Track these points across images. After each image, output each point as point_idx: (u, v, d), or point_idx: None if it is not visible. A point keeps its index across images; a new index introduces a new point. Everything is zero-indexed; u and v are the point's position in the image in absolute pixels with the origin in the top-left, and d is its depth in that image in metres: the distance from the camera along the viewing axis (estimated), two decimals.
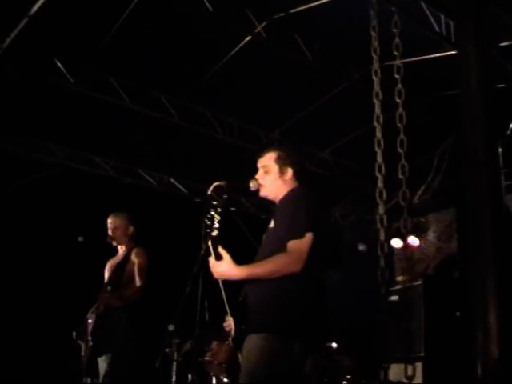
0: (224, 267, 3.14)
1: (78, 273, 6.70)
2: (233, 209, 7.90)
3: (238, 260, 3.19)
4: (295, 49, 6.00)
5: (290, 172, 3.40)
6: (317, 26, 5.81)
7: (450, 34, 5.33)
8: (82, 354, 4.93)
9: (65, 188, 7.18)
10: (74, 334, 5.02)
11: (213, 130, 7.00)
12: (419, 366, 4.85)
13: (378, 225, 3.27)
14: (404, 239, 7.33)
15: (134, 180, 7.77)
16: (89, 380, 4.89)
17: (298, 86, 6.54)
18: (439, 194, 7.42)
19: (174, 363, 4.12)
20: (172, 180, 8.07)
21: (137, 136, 7.13)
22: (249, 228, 7.30)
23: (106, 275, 5.27)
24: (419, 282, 5.23)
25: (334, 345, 6.49)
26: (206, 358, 6.06)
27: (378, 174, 3.21)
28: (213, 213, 3.22)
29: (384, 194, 3.13)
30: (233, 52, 6.04)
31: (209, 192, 3.28)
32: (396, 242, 7.72)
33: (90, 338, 4.81)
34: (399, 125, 3.22)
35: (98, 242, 5.24)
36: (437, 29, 5.23)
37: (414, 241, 7.46)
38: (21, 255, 6.94)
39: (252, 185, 3.37)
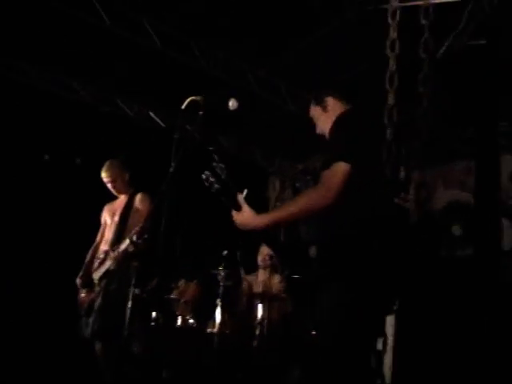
0: (244, 218, 2.87)
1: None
2: (211, 148, 7.63)
3: None
4: None
5: (330, 102, 3.13)
6: None
7: None
8: (82, 295, 4.87)
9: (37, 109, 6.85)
10: (78, 280, 4.94)
11: (195, 60, 6.59)
12: (391, 319, 4.69)
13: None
14: None
15: (112, 109, 7.42)
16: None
17: (289, 21, 6.19)
18: None
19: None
20: (151, 113, 7.74)
21: (117, 63, 6.76)
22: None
23: (108, 221, 5.12)
24: None
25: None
26: (173, 296, 5.92)
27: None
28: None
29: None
30: None
31: (183, 106, 3.01)
32: None
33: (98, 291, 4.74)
34: None
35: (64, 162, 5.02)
36: None
37: None
38: None
39: (231, 103, 3.09)
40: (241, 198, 2.88)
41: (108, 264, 4.66)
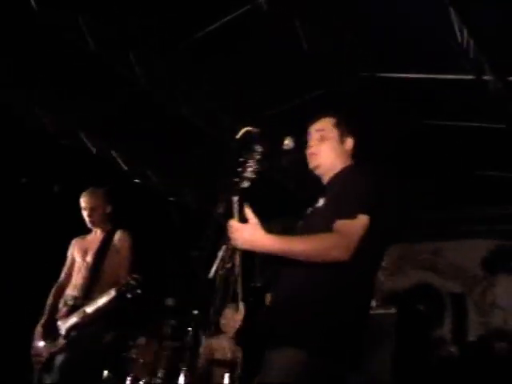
0: (250, 232, 2.46)
1: None
2: None
3: None
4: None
5: (350, 142, 2.82)
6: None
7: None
8: (40, 344, 4.17)
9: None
10: (39, 328, 4.26)
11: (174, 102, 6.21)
12: None
13: None
14: None
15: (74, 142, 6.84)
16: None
17: (275, 81, 5.95)
18: None
19: None
20: (113, 152, 7.21)
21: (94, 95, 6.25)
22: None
23: (78, 260, 4.47)
24: (391, 311, 4.70)
25: None
26: (131, 355, 5.31)
27: None
28: (247, 158, 2.52)
29: None
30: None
31: (237, 136, 2.62)
32: None
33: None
34: None
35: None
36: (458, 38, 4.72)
37: None
38: None
39: (287, 142, 2.72)
40: (249, 210, 2.51)
41: (80, 316, 4.01)
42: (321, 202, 2.66)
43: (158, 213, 7.27)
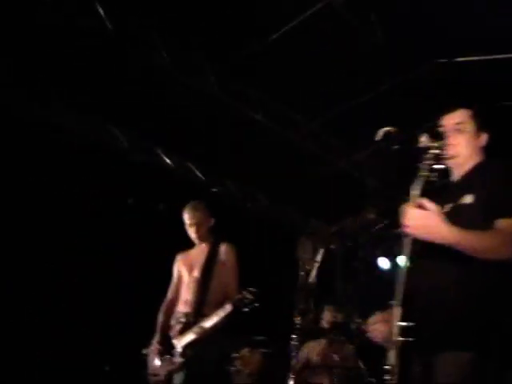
0: (433, 219, 2.36)
1: None
2: None
3: None
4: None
5: (484, 137, 2.73)
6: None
7: None
8: (157, 363, 4.13)
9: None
10: (156, 345, 4.26)
11: (250, 108, 6.14)
12: None
13: None
14: None
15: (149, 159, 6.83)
16: None
17: (351, 73, 5.85)
18: None
19: None
20: (189, 164, 7.18)
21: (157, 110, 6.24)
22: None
23: (185, 276, 4.45)
24: None
25: None
26: (235, 368, 5.24)
27: None
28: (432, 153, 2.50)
29: None
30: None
31: (377, 138, 2.56)
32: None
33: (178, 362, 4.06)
34: None
35: None
36: None
37: None
38: None
39: (423, 139, 2.63)
40: (427, 200, 2.44)
41: (197, 332, 3.97)
42: (466, 198, 2.55)
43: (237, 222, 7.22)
